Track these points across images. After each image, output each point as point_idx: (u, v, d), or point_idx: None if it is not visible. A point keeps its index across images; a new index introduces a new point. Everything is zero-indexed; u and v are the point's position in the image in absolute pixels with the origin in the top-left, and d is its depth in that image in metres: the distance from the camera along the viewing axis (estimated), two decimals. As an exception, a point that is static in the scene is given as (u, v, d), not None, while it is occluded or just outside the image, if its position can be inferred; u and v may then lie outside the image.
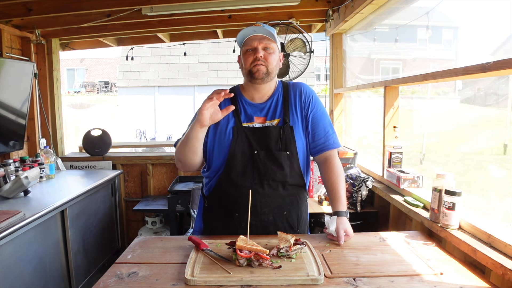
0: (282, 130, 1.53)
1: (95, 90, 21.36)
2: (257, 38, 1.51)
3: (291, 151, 1.53)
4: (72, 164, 3.46)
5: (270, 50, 1.52)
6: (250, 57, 1.52)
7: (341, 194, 1.55)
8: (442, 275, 1.22)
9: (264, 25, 1.54)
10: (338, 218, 1.49)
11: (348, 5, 2.72)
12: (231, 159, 1.52)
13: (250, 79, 1.54)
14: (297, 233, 1.61)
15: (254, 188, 1.50)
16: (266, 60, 1.51)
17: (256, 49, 1.51)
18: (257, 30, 1.51)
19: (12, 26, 2.91)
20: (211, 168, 1.59)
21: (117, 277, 1.21)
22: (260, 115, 1.57)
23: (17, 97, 2.76)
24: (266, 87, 1.58)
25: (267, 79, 1.53)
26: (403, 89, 3.78)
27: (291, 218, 1.59)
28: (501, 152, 4.67)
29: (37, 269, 2.07)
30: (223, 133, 1.54)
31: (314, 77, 10.76)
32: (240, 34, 1.54)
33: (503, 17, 2.66)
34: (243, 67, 1.56)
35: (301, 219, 1.64)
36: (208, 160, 1.62)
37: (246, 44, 1.53)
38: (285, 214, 1.57)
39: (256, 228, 1.50)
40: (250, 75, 1.53)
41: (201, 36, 3.91)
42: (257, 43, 1.51)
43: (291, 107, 1.58)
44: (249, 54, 1.52)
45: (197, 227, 1.72)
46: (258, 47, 1.51)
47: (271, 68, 1.53)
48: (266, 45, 1.51)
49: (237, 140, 1.52)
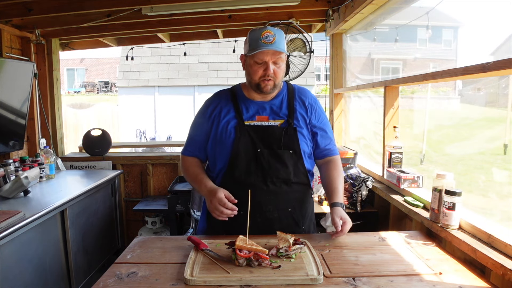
0: (286, 130, 1.53)
1: (95, 90, 21.37)
2: (269, 53, 1.46)
3: (294, 150, 1.54)
4: (72, 164, 3.46)
5: (281, 65, 1.50)
6: (259, 70, 1.49)
7: (338, 188, 1.58)
8: (442, 275, 1.22)
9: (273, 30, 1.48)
10: (334, 208, 1.51)
11: (348, 5, 2.72)
12: (235, 158, 1.53)
13: (256, 91, 1.54)
14: (302, 230, 1.61)
15: (257, 185, 1.51)
16: (275, 76, 1.49)
17: (267, 65, 1.47)
18: (270, 46, 1.45)
19: (12, 26, 2.91)
20: (215, 168, 1.60)
21: (117, 277, 1.21)
22: (263, 114, 1.57)
23: (17, 97, 2.76)
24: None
25: (273, 90, 1.54)
26: (403, 89, 3.79)
27: (296, 215, 1.60)
28: (501, 152, 4.67)
29: (37, 269, 2.07)
30: (224, 132, 1.55)
31: (314, 77, 10.75)
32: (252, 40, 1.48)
33: (503, 17, 2.66)
34: (249, 75, 1.53)
35: (307, 216, 1.65)
36: (210, 160, 1.63)
37: (257, 56, 1.48)
38: (290, 210, 1.58)
39: (263, 225, 1.51)
40: (257, 87, 1.52)
41: (201, 36, 3.90)
42: (268, 58, 1.47)
43: (296, 110, 1.58)
44: (259, 66, 1.49)
45: (200, 227, 1.72)
46: (269, 63, 1.47)
47: (278, 81, 1.53)
48: (277, 60, 1.49)
49: (240, 139, 1.52)
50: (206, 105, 1.65)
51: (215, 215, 1.47)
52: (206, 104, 1.65)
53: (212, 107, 1.61)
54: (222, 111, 1.57)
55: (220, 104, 1.60)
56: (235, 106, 1.58)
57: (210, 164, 1.65)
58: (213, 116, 1.59)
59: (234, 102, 1.58)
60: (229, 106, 1.58)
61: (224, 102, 1.60)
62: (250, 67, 1.51)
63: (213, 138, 1.58)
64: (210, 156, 1.62)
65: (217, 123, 1.56)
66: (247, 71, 1.55)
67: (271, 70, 1.48)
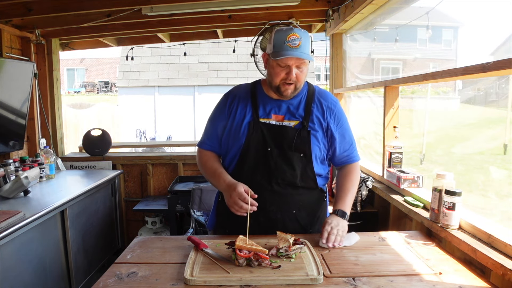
0: (299, 132, 1.51)
1: (95, 90, 21.36)
2: (293, 58, 1.42)
3: (304, 154, 1.51)
4: (72, 164, 3.46)
5: (303, 69, 1.46)
6: (281, 73, 1.45)
7: (346, 195, 1.55)
8: (442, 275, 1.22)
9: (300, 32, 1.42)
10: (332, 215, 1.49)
11: (348, 5, 2.72)
12: (245, 153, 1.52)
13: (276, 93, 1.51)
14: (309, 234, 1.58)
15: (262, 184, 1.50)
16: (297, 80, 1.46)
17: (290, 69, 1.43)
18: (295, 52, 1.40)
19: (12, 26, 2.91)
20: (225, 161, 1.61)
21: (117, 277, 1.21)
22: (279, 113, 1.55)
23: (17, 97, 2.76)
24: None
25: (293, 94, 1.51)
26: (403, 89, 3.78)
27: (301, 218, 1.57)
28: (501, 152, 4.68)
29: (37, 269, 2.07)
30: (239, 126, 1.54)
31: (314, 77, 10.74)
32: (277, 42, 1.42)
33: (503, 17, 2.66)
34: (271, 76, 1.49)
35: (316, 220, 1.62)
36: (222, 153, 1.63)
37: (280, 60, 1.43)
38: (294, 213, 1.56)
39: (265, 225, 1.50)
40: (277, 90, 1.49)
41: (201, 36, 3.90)
42: (292, 62, 1.43)
43: (313, 112, 1.54)
44: (282, 69, 1.45)
45: (210, 222, 1.73)
46: (292, 67, 1.43)
47: (299, 85, 1.49)
48: (300, 65, 1.45)
49: (253, 135, 1.51)
50: (224, 98, 1.62)
51: (234, 210, 1.43)
52: (225, 98, 1.62)
53: (230, 100, 1.59)
54: (240, 105, 1.56)
55: (238, 98, 1.58)
56: (252, 102, 1.55)
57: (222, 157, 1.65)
58: (230, 110, 1.57)
59: (252, 97, 1.56)
60: (247, 101, 1.56)
61: (243, 97, 1.58)
62: (272, 68, 1.47)
63: (228, 132, 1.56)
64: (223, 150, 1.61)
65: (233, 117, 1.55)
66: (269, 71, 1.50)
67: (294, 74, 1.43)
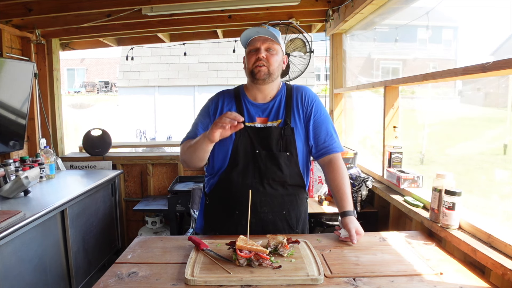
0: (283, 131, 1.54)
1: (95, 90, 21.36)
2: (260, 39, 1.53)
3: (291, 152, 1.55)
4: (72, 164, 3.46)
5: (273, 51, 1.54)
6: (252, 57, 1.53)
7: (346, 194, 1.55)
8: (442, 275, 1.22)
9: (269, 27, 1.56)
10: (347, 218, 1.50)
11: (348, 5, 2.72)
12: (234, 158, 1.54)
13: (252, 79, 1.56)
14: (295, 233, 1.61)
15: (254, 186, 1.51)
16: (268, 61, 1.52)
17: (259, 49, 1.52)
18: (260, 32, 1.52)
19: (12, 26, 2.91)
20: (213, 166, 1.61)
21: (117, 277, 1.21)
22: (262, 116, 1.58)
23: (17, 97, 2.76)
24: (269, 88, 1.58)
25: (268, 80, 1.54)
26: (403, 89, 3.78)
27: (290, 218, 1.60)
28: (501, 152, 4.68)
29: (37, 269, 2.07)
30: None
31: (314, 77, 10.76)
32: (244, 35, 1.56)
33: (503, 17, 2.66)
34: (246, 67, 1.58)
35: (300, 219, 1.65)
36: (209, 159, 1.62)
37: (250, 45, 1.55)
38: (284, 213, 1.58)
39: (256, 227, 1.51)
40: (252, 75, 1.54)
41: (201, 36, 3.90)
42: (260, 43, 1.53)
43: (293, 109, 1.58)
44: (252, 54, 1.54)
45: (198, 225, 1.74)
46: (261, 47, 1.52)
47: (272, 69, 1.53)
48: (269, 46, 1.53)
49: (240, 139, 1.53)
50: (208, 103, 1.65)
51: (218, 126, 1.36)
52: (209, 103, 1.65)
53: (214, 106, 1.62)
54: (224, 110, 1.58)
55: (222, 103, 1.60)
56: (237, 107, 1.58)
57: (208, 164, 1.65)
58: (215, 115, 1.59)
59: (236, 103, 1.59)
60: (231, 106, 1.59)
61: (227, 102, 1.60)
62: (246, 56, 1.57)
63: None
64: (210, 155, 1.60)
65: None
66: (245, 64, 1.59)
67: (263, 54, 1.51)
